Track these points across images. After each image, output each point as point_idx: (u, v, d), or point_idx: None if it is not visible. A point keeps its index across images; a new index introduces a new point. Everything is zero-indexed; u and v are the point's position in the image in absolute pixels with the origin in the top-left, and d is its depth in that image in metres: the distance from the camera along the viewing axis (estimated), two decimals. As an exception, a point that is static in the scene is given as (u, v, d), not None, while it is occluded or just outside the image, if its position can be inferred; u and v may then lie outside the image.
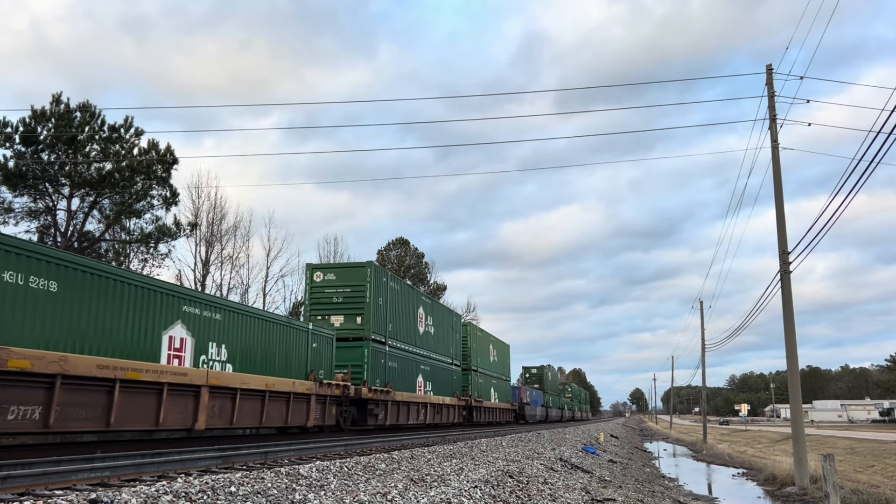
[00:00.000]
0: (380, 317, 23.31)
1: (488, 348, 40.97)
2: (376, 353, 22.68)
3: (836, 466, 14.65)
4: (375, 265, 23.71)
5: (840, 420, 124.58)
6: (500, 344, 45.65)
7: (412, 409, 25.99)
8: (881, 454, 33.87)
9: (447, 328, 32.12)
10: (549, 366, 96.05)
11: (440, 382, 30.05)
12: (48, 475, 8.57)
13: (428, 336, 28.89)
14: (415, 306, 27.55)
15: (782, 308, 21.17)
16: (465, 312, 67.72)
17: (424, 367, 28.00)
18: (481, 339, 39.37)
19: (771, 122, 22.24)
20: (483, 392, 37.72)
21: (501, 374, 44.39)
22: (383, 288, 24.11)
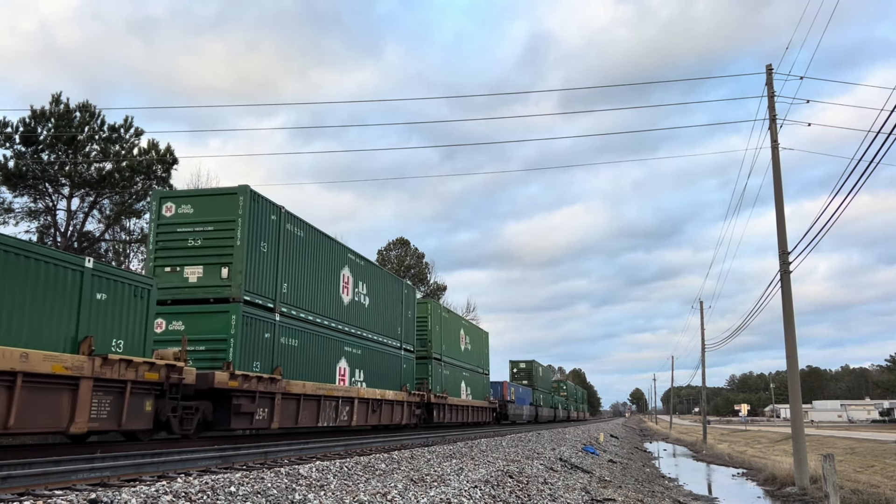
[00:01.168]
0: (262, 271, 15.89)
1: (458, 334, 33.97)
2: (253, 323, 15.26)
3: (835, 466, 14.65)
4: (257, 194, 15.96)
5: (840, 420, 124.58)
6: (474, 330, 39.13)
7: (326, 406, 18.35)
8: (881, 454, 33.87)
9: (392, 301, 24.55)
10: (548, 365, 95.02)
11: (380, 371, 22.49)
12: (48, 475, 8.57)
13: (358, 308, 21.23)
14: (336, 266, 19.96)
15: (782, 308, 21.18)
16: (465, 312, 67.64)
17: (352, 349, 20.39)
18: (448, 323, 32.27)
19: (771, 122, 22.25)
20: (450, 386, 30.99)
21: (477, 365, 37.55)
22: (271, 229, 16.44)
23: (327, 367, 18.77)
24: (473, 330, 38.64)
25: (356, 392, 20.14)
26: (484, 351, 40.34)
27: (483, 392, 38.63)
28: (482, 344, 40.20)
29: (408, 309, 26.37)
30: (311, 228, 18.55)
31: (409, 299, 26.74)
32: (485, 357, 40.35)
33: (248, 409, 14.79)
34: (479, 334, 40.20)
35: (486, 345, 41.37)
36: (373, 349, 22.24)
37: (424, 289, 61.99)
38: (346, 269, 20.72)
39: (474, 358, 37.07)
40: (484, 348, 40.48)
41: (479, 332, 40.35)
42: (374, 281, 22.85)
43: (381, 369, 22.73)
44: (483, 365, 39.39)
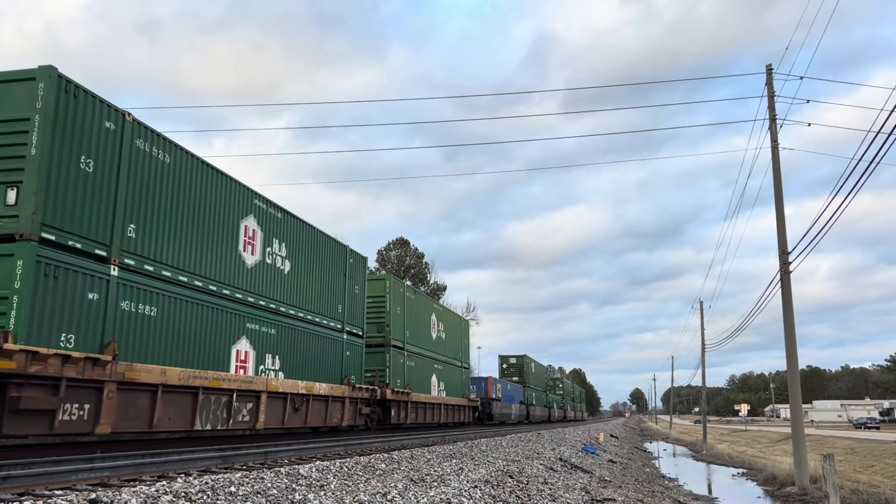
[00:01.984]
0: (85, 200, 10.57)
1: (428, 320, 28.83)
2: (63, 276, 10.02)
3: (835, 466, 14.65)
4: (75, 85, 10.35)
5: (840, 420, 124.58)
6: (450, 317, 33.62)
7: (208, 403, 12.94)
8: (881, 454, 33.87)
9: (330, 271, 19.07)
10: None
11: (308, 359, 17.35)
12: (48, 475, 8.57)
13: (271, 274, 15.73)
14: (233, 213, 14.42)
15: (782, 308, 21.18)
16: (465, 312, 67.62)
17: (259, 326, 15.12)
18: (415, 305, 26.83)
19: (771, 122, 22.26)
20: (416, 381, 25.93)
21: (454, 357, 32.39)
22: (105, 142, 10.97)
23: (215, 348, 13.37)
24: (449, 316, 33.17)
25: (263, 384, 14.58)
26: (463, 341, 35.22)
27: (461, 388, 33.60)
28: (460, 333, 34.87)
29: (354, 283, 20.63)
30: (185, 154, 12.97)
31: (356, 271, 20.94)
32: (464, 348, 35.41)
33: (44, 404, 9.46)
34: (457, 322, 34.73)
35: (465, 334, 36.41)
36: (297, 329, 16.91)
37: (424, 289, 62.00)
38: (252, 219, 14.97)
39: (449, 348, 31.83)
40: (462, 338, 35.37)
41: (456, 319, 34.93)
42: (299, 241, 17.28)
43: (309, 356, 17.37)
44: (461, 357, 34.40)
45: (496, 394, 43.73)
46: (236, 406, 13.82)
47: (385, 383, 22.47)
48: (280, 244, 16.48)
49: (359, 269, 21.52)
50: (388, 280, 24.46)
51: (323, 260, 18.83)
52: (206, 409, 12.90)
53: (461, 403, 32.83)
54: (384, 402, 22.32)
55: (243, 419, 14.17)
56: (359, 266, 21.57)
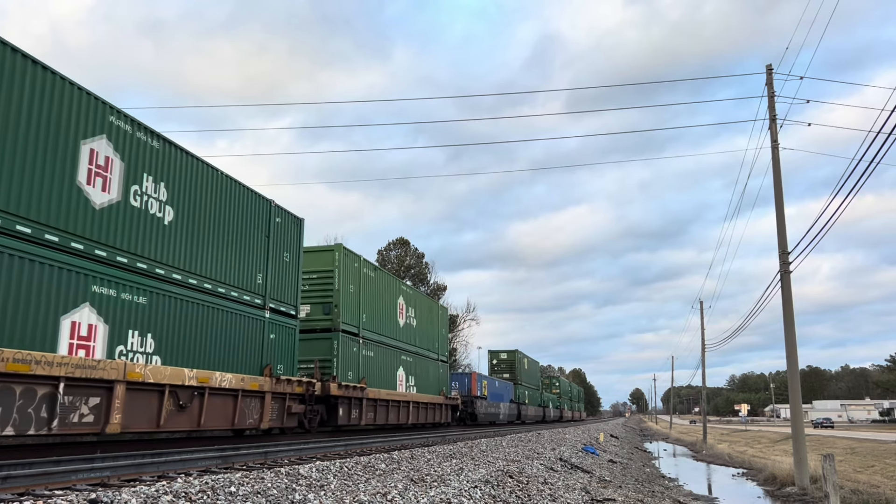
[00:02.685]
0: None
1: (395, 303, 24.58)
2: None
3: (835, 466, 14.65)
4: (347, 249, 19.08)
5: (840, 420, 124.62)
6: (424, 302, 29.09)
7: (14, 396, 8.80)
8: (881, 454, 33.87)
9: (233, 222, 14.63)
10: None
11: (207, 341, 13.40)
12: (48, 475, 8.57)
13: (123, 214, 11.60)
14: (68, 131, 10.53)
15: (782, 308, 21.19)
16: (465, 312, 67.55)
17: (114, 291, 11.24)
18: (376, 285, 22.62)
19: (771, 122, 22.27)
20: (378, 374, 21.97)
21: (427, 349, 28.17)
22: None
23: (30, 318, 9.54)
24: (422, 302, 28.75)
25: (118, 370, 10.51)
26: (440, 331, 30.92)
27: (437, 384, 29.46)
28: (437, 322, 30.43)
29: (283, 250, 16.61)
30: None
31: (286, 235, 16.86)
32: (442, 339, 31.14)
33: None
34: (432, 309, 30.27)
35: (443, 323, 31.77)
36: (186, 301, 12.78)
37: (424, 289, 61.98)
38: (103, 142, 11.19)
39: (423, 338, 27.61)
40: (439, 328, 30.96)
41: (431, 305, 30.51)
42: (189, 183, 13.18)
43: (208, 337, 13.31)
44: (438, 349, 30.22)
45: (481, 391, 39.76)
46: (66, 401, 9.64)
47: (332, 376, 18.40)
48: (157, 184, 12.46)
49: (290, 233, 17.05)
50: (337, 251, 19.95)
51: (231, 214, 14.47)
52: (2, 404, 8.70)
53: (437, 401, 28.45)
54: (328, 398, 17.94)
55: (82, 420, 9.99)
56: (290, 229, 17.07)
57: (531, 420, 56.44)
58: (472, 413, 37.50)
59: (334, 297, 19.78)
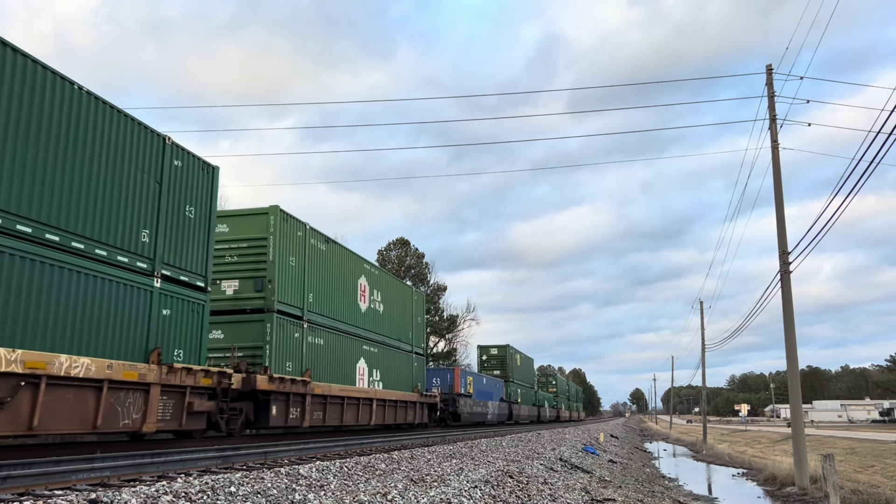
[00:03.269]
0: None
1: (354, 284, 21.03)
2: None
3: (835, 466, 14.66)
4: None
5: (840, 420, 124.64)
6: (393, 285, 25.37)
7: None
8: (881, 454, 33.87)
9: (96, 153, 10.88)
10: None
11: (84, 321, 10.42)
12: (48, 475, 8.57)
13: None
14: None
15: (782, 308, 21.20)
16: (465, 312, 67.49)
17: None
18: (327, 259, 19.27)
19: (771, 122, 22.28)
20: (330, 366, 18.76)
21: (399, 339, 24.91)
22: None
23: None
24: (392, 285, 25.03)
25: None
26: (414, 320, 27.31)
27: (410, 379, 25.89)
28: (410, 308, 26.75)
29: (178, 199, 12.84)
30: None
31: (189, 182, 13.22)
32: (417, 329, 27.51)
33: None
34: (405, 294, 26.52)
35: (418, 311, 28.02)
36: None
37: (424, 289, 61.98)
38: None
39: (392, 326, 24.19)
40: (414, 316, 27.27)
41: (402, 289, 26.57)
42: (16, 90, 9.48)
43: (49, 309, 9.73)
44: (413, 340, 26.61)
45: (465, 388, 36.01)
46: None
47: (262, 366, 15.28)
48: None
49: (197, 182, 13.47)
50: (272, 215, 16.45)
51: (99, 146, 10.97)
52: None
53: (409, 399, 24.95)
54: (255, 393, 14.84)
55: None
56: (197, 177, 13.48)
57: (525, 420, 53.42)
58: (455, 412, 33.79)
59: (268, 270, 16.20)
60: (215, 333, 15.88)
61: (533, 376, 63.15)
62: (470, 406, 36.34)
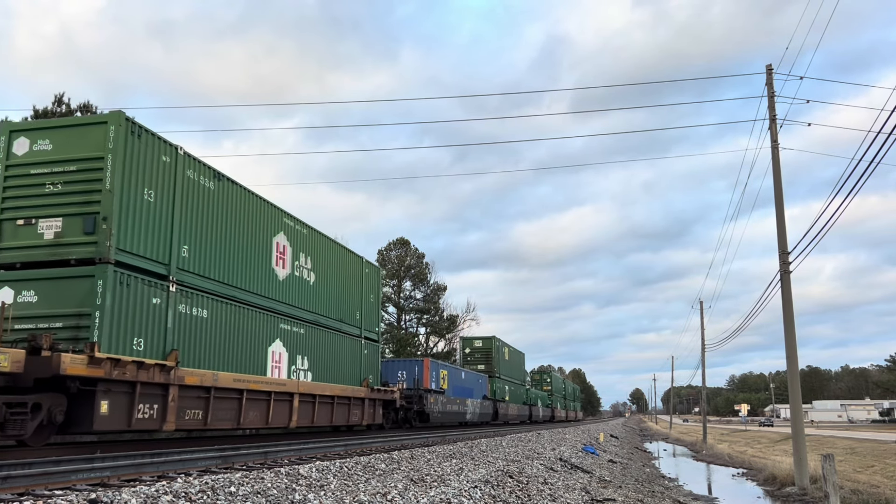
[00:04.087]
0: None
1: (268, 241, 16.69)
2: None
3: (835, 466, 14.66)
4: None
5: (840, 420, 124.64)
6: (329, 248, 20.22)
7: None
8: (881, 454, 33.87)
9: None
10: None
11: None
12: (48, 475, 8.57)
13: None
14: None
15: (782, 308, 21.19)
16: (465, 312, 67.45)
17: None
18: (216, 200, 14.70)
19: (771, 122, 22.28)
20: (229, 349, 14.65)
21: (340, 318, 20.44)
22: None
23: None
24: (329, 249, 20.05)
25: None
26: (365, 297, 22.56)
27: (358, 371, 21.31)
28: (358, 283, 21.98)
29: None
30: None
31: None
32: (369, 309, 22.85)
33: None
34: (349, 263, 21.49)
35: (370, 286, 23.17)
36: None
37: (424, 289, 61.98)
38: None
39: (329, 302, 19.64)
40: (366, 292, 22.56)
41: (346, 257, 21.33)
42: None
43: None
44: (361, 321, 21.96)
45: (437, 383, 30.94)
46: None
47: (88, 341, 10.86)
48: None
49: None
50: (112, 126, 11.85)
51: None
52: None
53: (353, 395, 20.24)
54: (65, 381, 10.44)
55: None
56: None
57: (514, 420, 49.15)
58: (423, 412, 28.53)
59: (103, 203, 11.62)
60: (26, 295, 11.50)
61: (524, 372, 58.15)
62: (442, 404, 31.19)
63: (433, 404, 29.66)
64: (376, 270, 24.85)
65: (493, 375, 44.25)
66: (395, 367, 30.20)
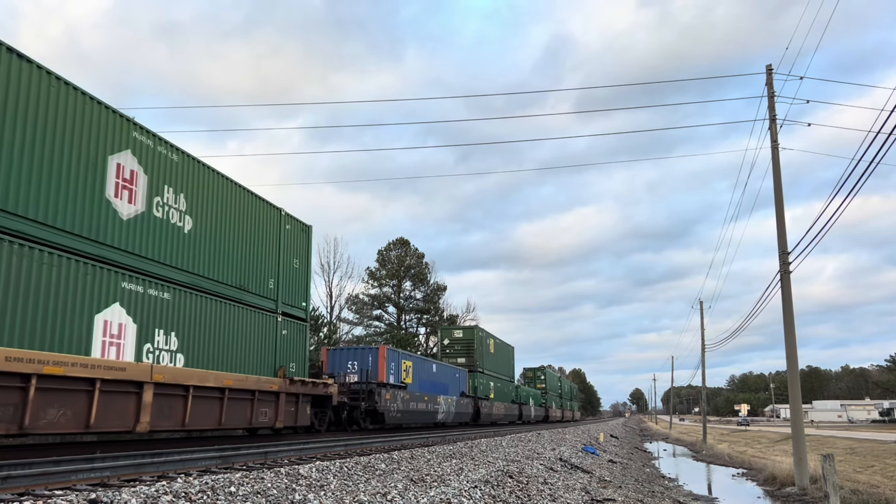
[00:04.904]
0: None
1: (103, 162, 12.02)
2: None
3: (835, 466, 14.66)
4: None
5: (840, 420, 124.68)
6: (219, 186, 15.50)
7: None
8: (881, 454, 33.88)
9: None
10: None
11: None
12: (48, 475, 8.57)
13: None
14: None
15: (782, 308, 21.20)
16: (465, 312, 67.50)
17: None
18: None
19: (771, 122, 22.29)
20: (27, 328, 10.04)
21: (240, 284, 15.93)
22: None
23: None
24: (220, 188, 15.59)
25: None
26: (287, 263, 18.13)
27: (272, 357, 16.87)
28: (273, 241, 17.56)
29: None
30: None
31: None
32: (293, 276, 18.39)
33: None
34: (257, 213, 16.93)
35: (295, 247, 18.74)
36: None
37: (424, 289, 61.97)
38: None
39: (219, 262, 15.24)
40: (284, 255, 18.03)
41: (251, 203, 16.70)
42: None
43: None
44: (278, 293, 17.45)
45: (397, 376, 26.12)
46: None
47: None
48: None
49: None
50: None
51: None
52: None
53: (260, 388, 15.26)
54: None
55: None
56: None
57: (501, 421, 44.04)
58: (374, 411, 23.23)
59: None
60: None
61: (512, 368, 52.72)
62: (403, 402, 25.79)
63: (389, 402, 24.37)
64: (304, 229, 19.36)
65: (475, 370, 39.40)
66: (345, 357, 25.46)
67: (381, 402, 23.61)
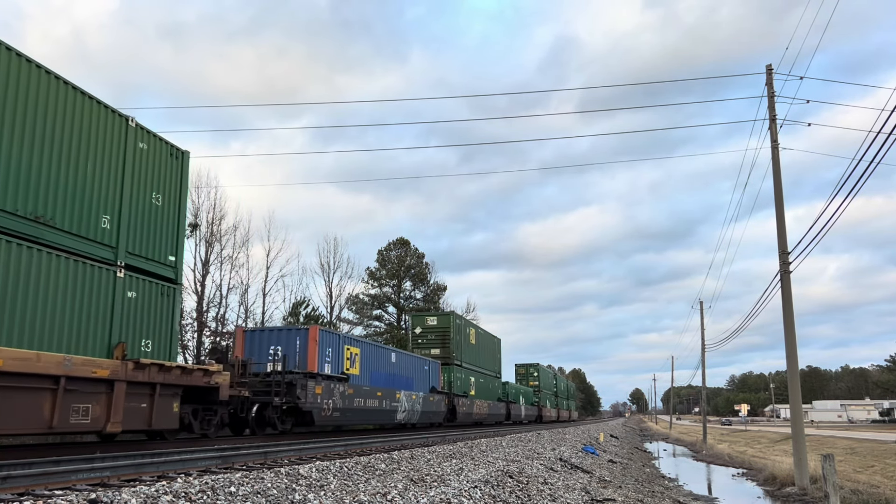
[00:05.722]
0: None
1: None
2: None
3: (835, 466, 14.66)
4: None
5: (840, 420, 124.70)
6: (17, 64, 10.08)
7: None
8: (881, 454, 33.88)
9: None
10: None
11: None
12: (48, 475, 8.57)
13: None
14: None
15: (782, 308, 21.20)
16: (465, 312, 67.51)
17: None
18: None
19: (771, 122, 22.29)
20: None
21: (32, 214, 10.32)
22: None
23: None
24: None
25: None
26: (139, 194, 12.85)
27: (105, 328, 11.62)
28: (110, 156, 12.15)
29: None
30: None
31: None
32: (151, 215, 13.14)
33: None
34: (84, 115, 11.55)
35: (155, 176, 13.34)
36: None
37: (424, 289, 61.94)
38: None
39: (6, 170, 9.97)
40: (139, 182, 12.84)
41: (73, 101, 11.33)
42: None
43: None
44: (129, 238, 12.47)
45: (337, 366, 21.23)
46: None
47: None
48: None
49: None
50: None
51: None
52: None
53: (72, 374, 10.27)
54: None
55: None
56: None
57: (486, 421, 39.26)
58: (295, 408, 18.59)
59: None
60: None
61: (499, 362, 47.00)
62: (345, 398, 20.91)
63: (321, 397, 19.35)
64: (174, 154, 14.02)
65: (451, 363, 34.12)
66: (266, 341, 20.33)
67: (306, 397, 18.53)
